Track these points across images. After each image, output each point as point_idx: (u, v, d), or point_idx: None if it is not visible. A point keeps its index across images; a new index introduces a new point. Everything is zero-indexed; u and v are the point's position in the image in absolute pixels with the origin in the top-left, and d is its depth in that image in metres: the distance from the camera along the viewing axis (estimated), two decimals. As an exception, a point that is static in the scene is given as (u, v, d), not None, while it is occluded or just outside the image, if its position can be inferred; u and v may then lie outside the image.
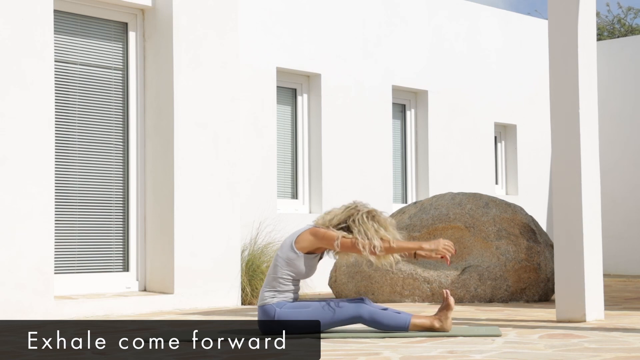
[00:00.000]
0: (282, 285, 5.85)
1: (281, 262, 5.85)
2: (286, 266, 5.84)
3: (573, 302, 6.64)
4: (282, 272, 5.85)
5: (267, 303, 5.82)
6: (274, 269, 5.88)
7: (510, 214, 8.91)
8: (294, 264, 5.84)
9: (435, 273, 8.78)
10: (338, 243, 5.77)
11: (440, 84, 12.25)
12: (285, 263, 5.84)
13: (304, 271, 5.86)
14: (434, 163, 12.09)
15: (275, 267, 5.87)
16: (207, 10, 8.75)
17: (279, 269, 5.85)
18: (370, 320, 5.80)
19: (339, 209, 5.97)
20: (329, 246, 5.85)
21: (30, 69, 7.52)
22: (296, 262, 5.83)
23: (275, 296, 5.83)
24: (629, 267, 13.68)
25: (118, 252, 8.46)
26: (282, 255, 5.88)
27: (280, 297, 5.83)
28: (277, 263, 5.87)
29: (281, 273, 5.85)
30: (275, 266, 5.88)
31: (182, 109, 8.48)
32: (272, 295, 5.83)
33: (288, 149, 10.80)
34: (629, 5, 25.36)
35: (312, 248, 5.86)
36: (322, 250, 5.92)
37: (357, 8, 11.31)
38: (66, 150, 8.16)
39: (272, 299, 5.82)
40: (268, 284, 5.88)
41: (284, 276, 5.85)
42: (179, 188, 8.41)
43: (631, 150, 13.97)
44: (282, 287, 5.85)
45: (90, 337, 6.12)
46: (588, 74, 6.83)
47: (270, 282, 5.88)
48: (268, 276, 5.92)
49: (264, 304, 5.83)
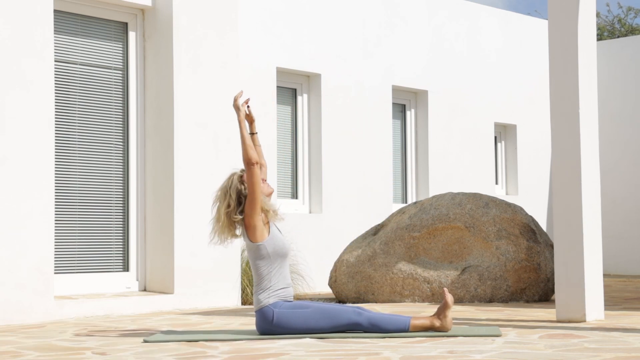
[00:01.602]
0: (265, 280, 5.79)
1: (251, 259, 5.84)
2: (255, 259, 5.80)
3: (573, 302, 6.64)
4: (257, 267, 5.80)
5: (264, 305, 5.78)
6: (253, 272, 5.87)
7: (510, 214, 8.91)
8: (254, 250, 5.79)
9: (435, 273, 8.78)
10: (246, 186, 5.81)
11: (440, 84, 12.26)
12: (253, 257, 5.81)
13: (266, 250, 5.79)
14: (434, 163, 12.09)
15: (253, 268, 5.86)
16: (207, 10, 8.75)
17: (255, 268, 5.83)
18: (369, 325, 5.78)
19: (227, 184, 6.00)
20: (252, 202, 5.80)
21: (30, 69, 7.52)
22: (254, 247, 5.79)
23: (269, 295, 5.79)
24: (629, 267, 13.68)
25: (118, 252, 8.46)
26: (248, 254, 5.89)
27: (272, 295, 5.78)
28: (251, 264, 5.87)
29: (257, 269, 5.80)
30: (252, 267, 5.87)
31: (182, 109, 8.48)
32: (266, 295, 5.79)
33: (288, 149, 10.80)
34: (629, 5, 25.36)
35: (248, 225, 5.81)
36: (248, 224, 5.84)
37: (357, 8, 11.32)
38: (66, 151, 8.16)
39: (268, 299, 5.78)
40: (256, 287, 5.84)
41: (260, 269, 5.80)
42: (179, 188, 8.41)
43: (631, 150, 13.97)
44: (267, 282, 5.79)
45: (90, 337, 6.13)
46: (588, 74, 6.84)
47: (257, 284, 5.83)
48: (253, 280, 5.89)
49: (260, 307, 5.79)
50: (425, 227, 8.94)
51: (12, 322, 7.22)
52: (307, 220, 10.54)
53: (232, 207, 5.85)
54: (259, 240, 5.80)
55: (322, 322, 5.78)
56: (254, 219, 5.79)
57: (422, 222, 8.98)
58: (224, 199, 5.89)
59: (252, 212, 5.79)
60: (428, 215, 9.01)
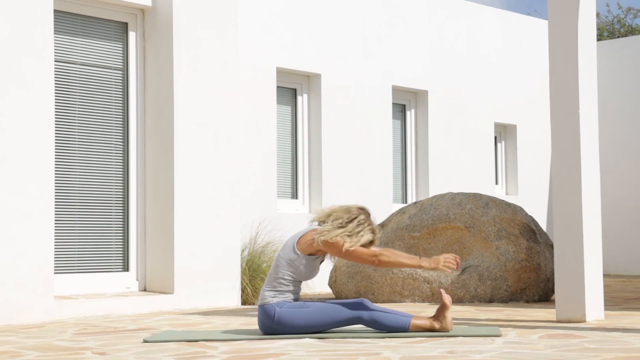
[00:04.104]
0: (282, 285, 5.85)
1: (282, 262, 5.85)
2: (287, 267, 5.84)
3: (573, 302, 6.64)
4: (283, 272, 5.85)
5: (267, 302, 5.82)
6: (275, 269, 5.88)
7: (510, 214, 8.91)
8: (295, 265, 5.84)
9: (435, 273, 8.78)
10: (346, 249, 5.77)
11: (440, 84, 12.26)
12: (286, 264, 5.84)
13: (304, 272, 5.86)
14: (434, 163, 12.09)
15: (277, 267, 5.87)
16: (207, 10, 8.75)
17: (280, 269, 5.85)
18: (370, 321, 5.80)
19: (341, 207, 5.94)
20: (335, 254, 5.85)
21: (30, 68, 7.52)
22: (297, 263, 5.83)
23: (275, 296, 5.83)
24: (629, 267, 13.68)
25: (118, 252, 8.46)
26: (283, 255, 5.88)
27: (280, 297, 5.83)
28: (279, 263, 5.87)
29: (282, 273, 5.85)
30: (276, 266, 5.88)
31: (182, 109, 8.48)
32: (273, 295, 5.83)
33: (288, 149, 10.80)
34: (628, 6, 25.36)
35: (314, 250, 5.86)
36: (323, 253, 5.92)
37: (357, 8, 11.32)
38: (66, 150, 8.16)
39: (272, 299, 5.82)
40: (269, 284, 5.88)
41: (285, 277, 5.85)
42: (179, 188, 8.41)
43: (631, 150, 13.97)
44: (282, 288, 5.85)
45: (90, 337, 6.13)
46: (588, 74, 6.84)
47: (271, 282, 5.88)
48: (269, 276, 5.92)
49: (264, 303, 5.83)
50: (425, 227, 8.95)
51: (12, 322, 7.22)
52: (307, 220, 10.52)
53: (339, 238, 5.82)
54: (304, 253, 5.84)
55: (324, 319, 5.80)
56: (320, 250, 5.86)
57: (422, 222, 8.98)
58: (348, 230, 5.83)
59: (327, 249, 5.84)
60: (428, 215, 9.01)
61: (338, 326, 5.85)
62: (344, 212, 5.89)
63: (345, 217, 5.87)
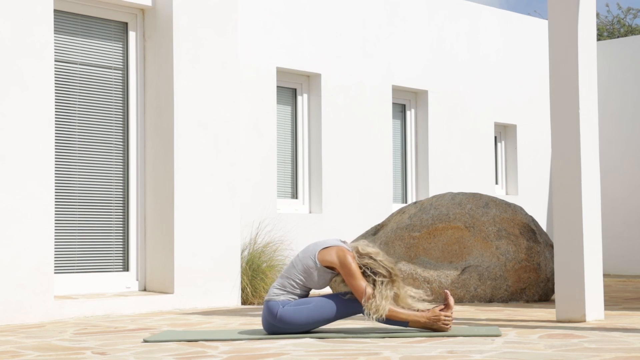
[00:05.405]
0: (291, 287, 5.89)
1: (299, 265, 5.89)
2: (302, 272, 5.89)
3: (573, 302, 6.64)
4: (295, 275, 5.89)
5: (273, 299, 5.87)
6: (289, 269, 5.93)
7: (510, 214, 8.91)
8: (309, 272, 5.87)
9: (435, 273, 8.78)
10: (360, 289, 5.76)
11: (440, 84, 12.26)
12: (302, 268, 5.88)
13: (316, 282, 5.90)
14: (434, 163, 12.09)
15: (292, 269, 5.92)
16: (207, 10, 8.75)
17: (293, 271, 5.90)
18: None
19: (380, 254, 5.92)
20: (348, 282, 5.84)
21: (30, 68, 7.52)
22: (312, 271, 5.87)
23: (282, 294, 5.88)
24: (629, 267, 13.68)
25: (118, 252, 8.46)
26: (302, 259, 5.91)
27: (287, 297, 5.88)
28: (295, 265, 5.91)
29: (295, 276, 5.89)
30: (292, 267, 5.92)
31: (182, 109, 8.48)
32: (280, 292, 5.88)
33: (288, 149, 10.80)
34: (628, 6, 25.36)
35: (332, 266, 5.88)
36: (338, 272, 5.93)
37: (357, 8, 11.32)
38: (66, 150, 8.16)
39: (278, 297, 5.86)
40: (279, 283, 5.93)
41: (296, 280, 5.89)
42: (179, 188, 8.41)
43: (631, 150, 13.97)
44: (290, 289, 5.89)
45: (90, 337, 6.13)
46: (588, 74, 6.84)
47: (282, 282, 5.92)
48: (282, 274, 5.97)
49: (270, 299, 5.88)
50: (425, 227, 8.95)
51: (12, 322, 7.22)
52: (307, 220, 10.53)
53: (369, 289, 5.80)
54: (322, 265, 5.85)
55: (326, 313, 5.83)
56: (344, 276, 5.86)
57: (422, 222, 8.98)
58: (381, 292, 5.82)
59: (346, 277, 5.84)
60: (428, 215, 9.01)
61: (341, 318, 5.88)
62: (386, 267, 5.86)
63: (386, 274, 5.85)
